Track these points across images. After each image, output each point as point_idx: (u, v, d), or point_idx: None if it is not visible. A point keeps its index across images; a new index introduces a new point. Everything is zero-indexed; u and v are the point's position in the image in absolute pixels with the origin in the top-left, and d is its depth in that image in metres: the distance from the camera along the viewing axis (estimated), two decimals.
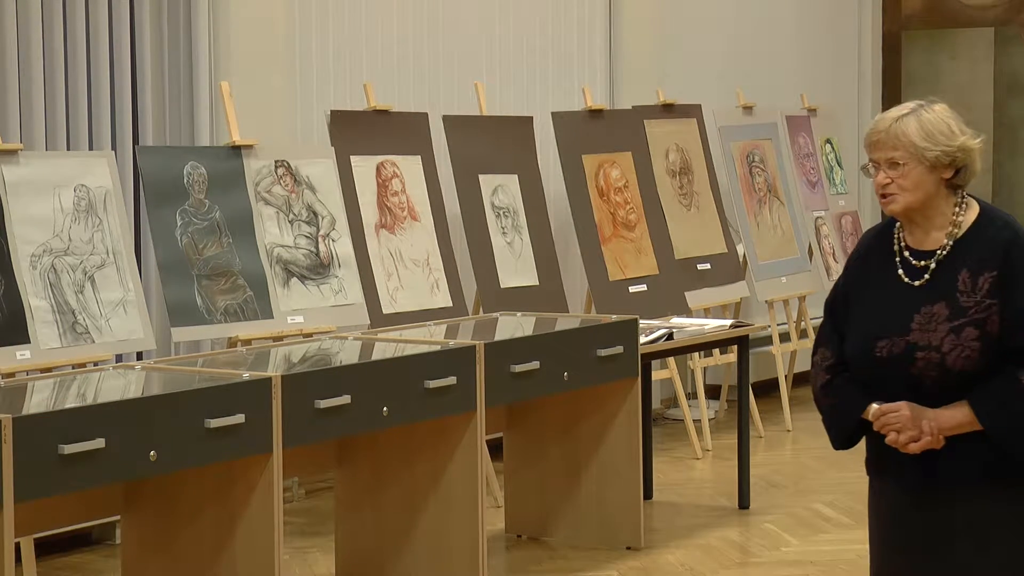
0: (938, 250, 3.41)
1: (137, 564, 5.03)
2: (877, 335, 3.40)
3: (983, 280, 3.35)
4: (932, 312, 3.36)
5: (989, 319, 3.33)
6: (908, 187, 3.40)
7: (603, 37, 9.12)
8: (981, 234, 3.40)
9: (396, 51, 7.86)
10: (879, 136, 3.42)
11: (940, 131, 3.40)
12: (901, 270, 3.44)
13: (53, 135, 6.32)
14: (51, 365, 5.50)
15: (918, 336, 3.35)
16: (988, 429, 3.33)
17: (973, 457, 3.37)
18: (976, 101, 11.03)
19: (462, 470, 5.52)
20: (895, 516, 3.50)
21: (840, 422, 3.53)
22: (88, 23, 6.47)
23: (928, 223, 3.44)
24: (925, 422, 3.36)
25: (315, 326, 6.38)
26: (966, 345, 3.32)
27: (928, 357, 3.34)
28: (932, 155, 3.39)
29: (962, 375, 3.33)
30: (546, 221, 7.78)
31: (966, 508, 3.38)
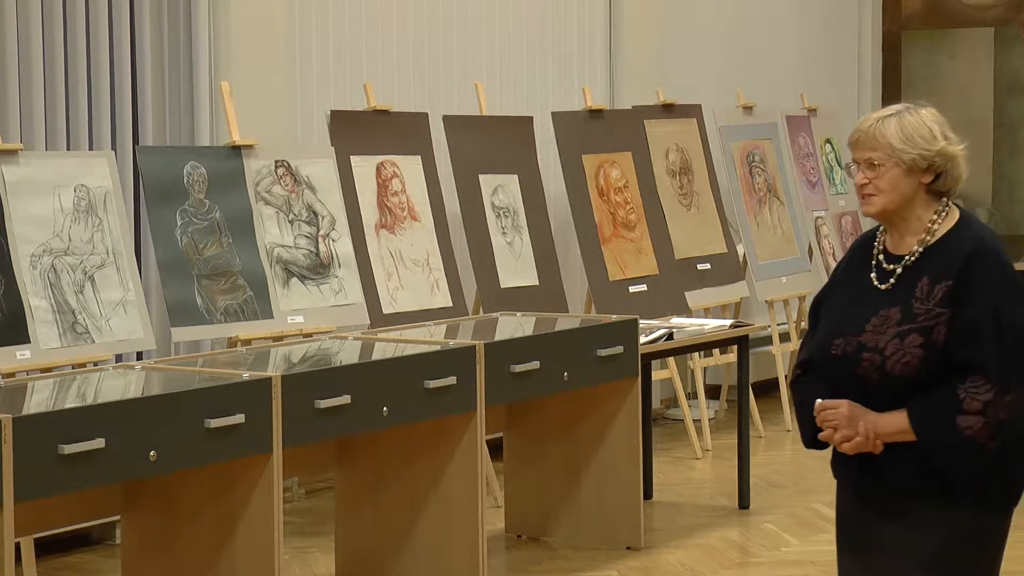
0: (907, 255, 3.39)
1: (137, 564, 5.03)
2: (835, 333, 3.40)
3: (938, 289, 3.31)
4: (887, 315, 3.34)
5: (936, 328, 3.28)
6: (885, 188, 3.38)
7: (603, 37, 9.12)
8: (951, 243, 3.36)
9: (396, 51, 7.86)
10: (859, 136, 3.42)
11: (920, 134, 3.40)
12: (874, 273, 3.43)
13: (53, 135, 6.32)
14: (51, 365, 5.50)
15: (868, 337, 3.34)
16: (921, 439, 3.29)
17: (910, 465, 3.32)
18: (976, 101, 11.03)
19: (462, 470, 5.52)
20: (845, 517, 3.51)
21: (802, 418, 3.52)
22: (88, 23, 6.47)
23: (905, 227, 3.42)
24: (862, 424, 3.32)
25: (315, 326, 6.38)
26: (907, 351, 3.29)
27: (871, 359, 3.32)
28: (909, 158, 3.37)
29: (902, 380, 3.30)
30: (546, 221, 7.78)
31: (903, 513, 3.35)
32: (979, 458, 3.27)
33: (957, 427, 3.25)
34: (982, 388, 3.25)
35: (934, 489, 3.31)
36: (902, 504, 3.35)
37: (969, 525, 3.33)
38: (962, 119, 11.04)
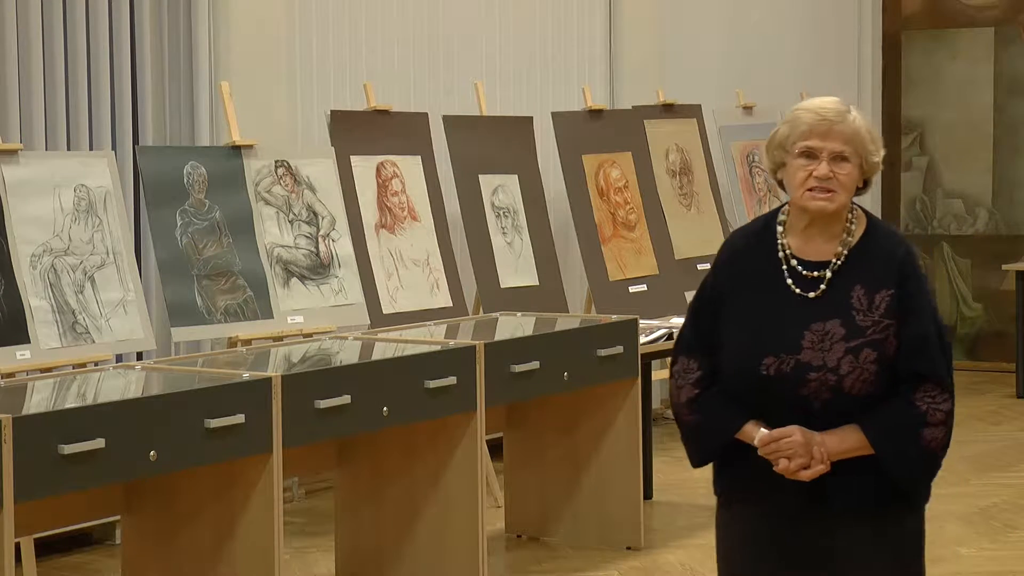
0: (833, 260, 3.21)
1: (137, 564, 5.02)
2: (763, 351, 3.17)
3: (880, 298, 3.16)
4: (825, 330, 3.15)
5: (887, 340, 3.16)
6: (847, 186, 3.20)
7: (603, 37, 9.12)
8: (874, 248, 3.22)
9: (396, 51, 7.86)
10: (832, 125, 3.18)
11: (877, 138, 3.25)
12: (790, 280, 3.22)
13: (53, 135, 6.32)
14: (51, 365, 5.50)
15: (811, 355, 3.14)
16: (881, 455, 3.17)
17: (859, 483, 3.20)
18: (976, 101, 11.02)
19: (462, 470, 5.52)
20: (764, 540, 3.27)
21: (707, 442, 3.30)
22: (88, 23, 6.47)
23: (828, 229, 3.23)
24: (815, 448, 3.16)
25: (315, 326, 6.38)
26: (864, 368, 3.14)
27: (823, 379, 3.14)
28: (873, 161, 3.22)
29: (857, 398, 3.15)
30: (546, 221, 7.78)
31: (848, 533, 3.22)
32: (935, 466, 3.25)
33: (923, 440, 3.18)
34: (939, 398, 3.18)
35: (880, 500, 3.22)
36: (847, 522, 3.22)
37: (910, 529, 3.29)
38: (962, 119, 11.08)
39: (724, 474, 3.34)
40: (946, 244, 11.19)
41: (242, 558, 4.78)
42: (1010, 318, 10.29)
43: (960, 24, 11.09)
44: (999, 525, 6.58)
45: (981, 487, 7.31)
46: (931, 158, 11.22)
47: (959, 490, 7.26)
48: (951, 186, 11.16)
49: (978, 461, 7.90)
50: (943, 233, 11.19)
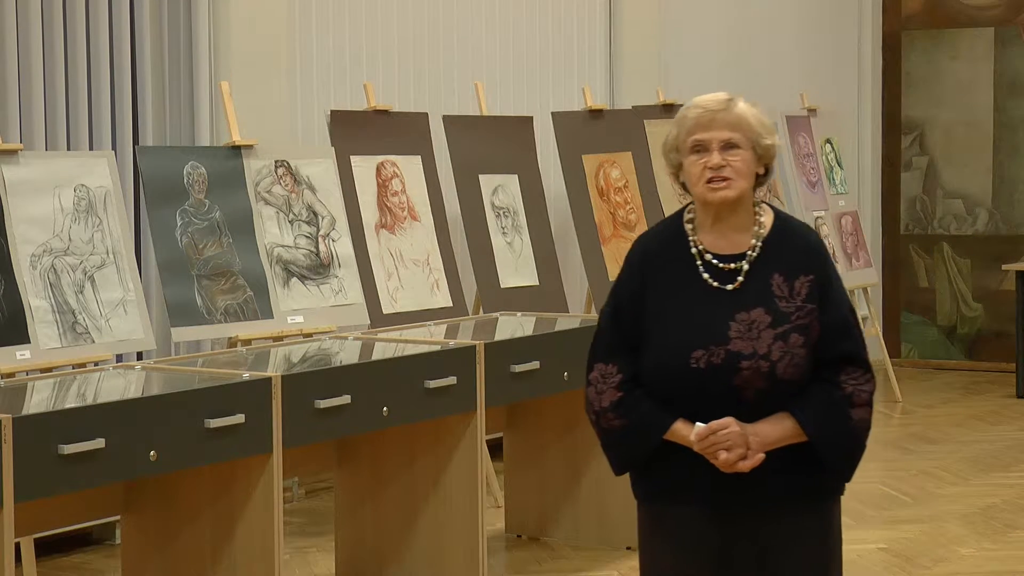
0: (748, 251, 3.24)
1: (137, 564, 5.02)
2: (691, 346, 3.18)
3: (799, 285, 3.20)
4: (750, 319, 3.18)
5: (811, 325, 3.19)
6: (744, 172, 3.21)
7: (603, 37, 9.12)
8: (787, 237, 3.25)
9: (396, 51, 7.86)
10: (713, 116, 3.20)
11: (767, 123, 3.26)
12: (706, 274, 3.24)
13: (53, 135, 6.32)
14: (51, 365, 5.50)
15: (740, 345, 3.16)
16: (814, 439, 3.18)
17: (779, 473, 3.21)
18: (976, 101, 11.02)
19: (462, 470, 5.52)
20: (694, 539, 3.25)
21: (635, 443, 3.27)
22: (88, 23, 6.47)
23: (735, 221, 3.25)
24: (752, 438, 3.17)
25: (315, 326, 6.38)
26: (794, 352, 3.17)
27: (756, 366, 3.15)
28: (765, 143, 3.23)
29: (790, 383, 3.18)
30: (546, 221, 7.78)
31: (775, 526, 3.24)
32: (863, 447, 3.26)
33: (851, 421, 3.20)
34: (862, 379, 3.22)
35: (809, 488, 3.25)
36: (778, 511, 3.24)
37: (835, 518, 3.34)
38: (962, 119, 11.08)
39: (646, 476, 3.31)
40: (946, 244, 11.19)
41: (242, 558, 4.78)
42: (1010, 318, 10.29)
43: (960, 24, 11.09)
44: (999, 525, 6.58)
45: (981, 487, 7.31)
46: (931, 158, 11.22)
47: (959, 490, 7.26)
48: (951, 186, 11.16)
49: (978, 461, 7.90)
50: (943, 233, 11.19)
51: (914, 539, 6.33)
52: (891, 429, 9.01)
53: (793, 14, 10.63)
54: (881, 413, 9.47)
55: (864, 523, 6.57)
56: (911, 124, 11.28)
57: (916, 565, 5.95)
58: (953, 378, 10.76)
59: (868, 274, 9.96)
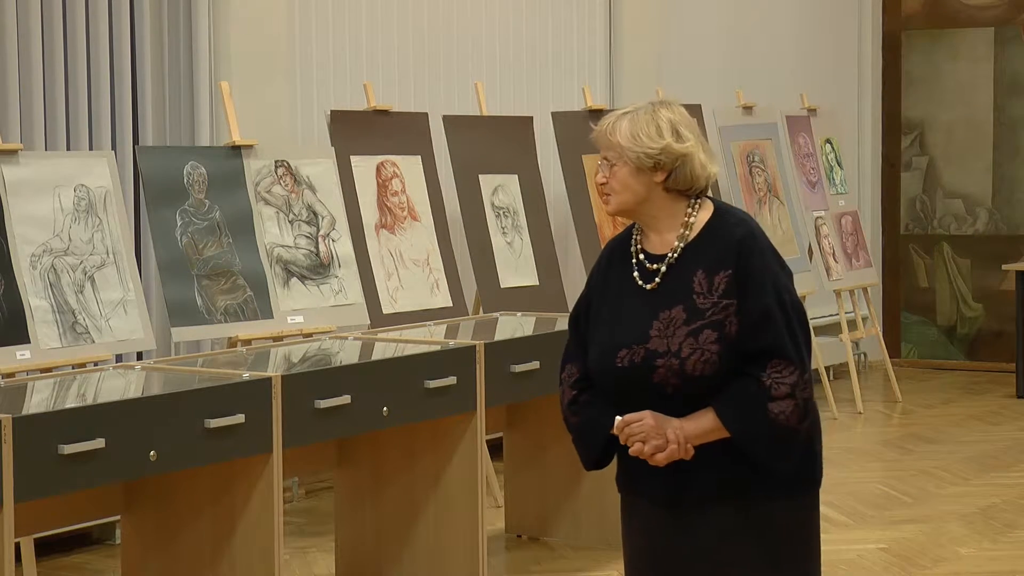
0: (669, 253, 3.31)
1: (137, 564, 5.03)
2: (618, 345, 3.28)
3: (719, 279, 3.24)
4: (670, 317, 3.25)
5: (727, 320, 3.22)
6: (617, 188, 3.33)
7: (603, 37, 9.12)
8: (715, 234, 3.30)
9: (396, 51, 7.86)
10: (596, 135, 3.37)
11: (646, 133, 3.31)
12: (636, 273, 3.34)
13: (53, 135, 6.32)
14: (51, 365, 5.50)
15: (657, 343, 3.23)
16: (734, 434, 3.21)
17: (715, 470, 3.25)
18: (976, 101, 11.03)
19: (462, 470, 5.52)
20: (647, 531, 3.37)
21: (588, 440, 3.40)
22: (88, 23, 6.47)
23: (656, 225, 3.34)
24: (670, 430, 3.23)
25: (315, 326, 6.38)
26: (705, 348, 3.21)
27: (668, 364, 3.22)
28: (633, 155, 3.29)
29: (702, 380, 3.21)
30: (546, 221, 7.78)
31: (710, 521, 3.27)
32: (792, 440, 3.23)
33: (770, 414, 3.19)
34: (785, 371, 3.20)
35: (745, 486, 3.26)
36: (714, 508, 3.27)
37: (788, 513, 3.30)
38: (962, 119, 11.09)
39: (619, 467, 3.44)
40: (946, 244, 11.19)
41: (242, 558, 4.78)
42: (1010, 318, 10.29)
43: (960, 24, 11.09)
44: (999, 525, 6.58)
45: (981, 487, 7.31)
46: (931, 158, 11.22)
47: (959, 490, 7.26)
48: (951, 186, 11.17)
49: (978, 461, 7.90)
50: (943, 233, 11.20)
51: (914, 539, 6.33)
52: (891, 429, 9.02)
53: (793, 14, 10.63)
54: (881, 413, 9.47)
55: (864, 523, 6.57)
56: (911, 124, 11.28)
57: (916, 565, 5.95)
58: (953, 378, 10.76)
59: (868, 274, 9.96)
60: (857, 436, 8.79)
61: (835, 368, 10.47)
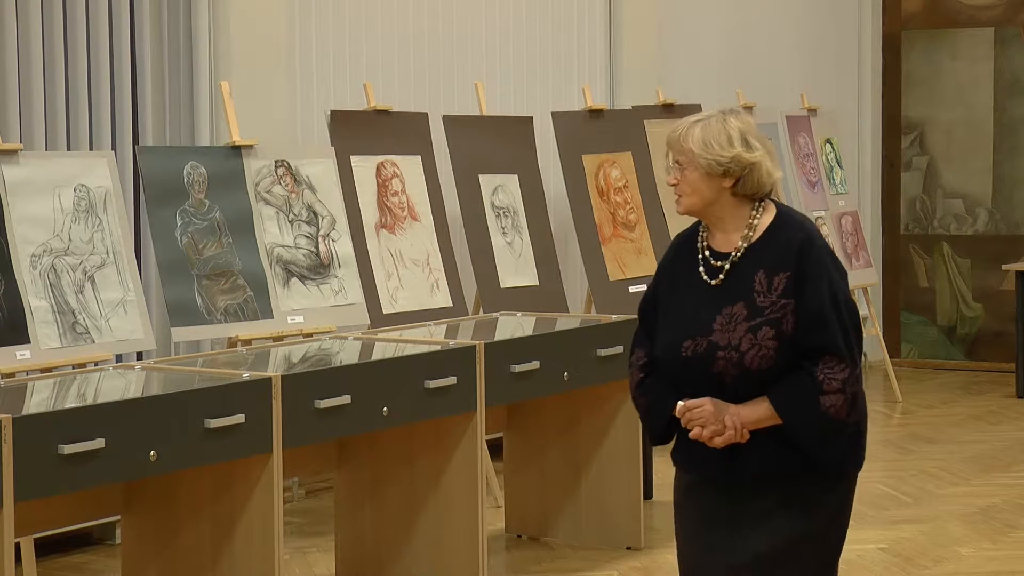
0: (733, 252, 3.55)
1: (137, 564, 5.03)
2: (684, 336, 3.53)
3: (778, 280, 3.49)
4: (732, 313, 3.50)
5: (784, 318, 3.46)
6: (687, 191, 3.57)
7: (603, 37, 9.12)
8: (776, 237, 3.54)
9: (396, 51, 7.86)
10: (670, 139, 3.61)
11: (717, 141, 3.55)
12: (702, 268, 3.58)
13: (53, 135, 6.32)
14: (51, 365, 5.50)
15: (719, 336, 3.49)
16: (785, 423, 3.47)
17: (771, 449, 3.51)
18: (976, 101, 11.03)
19: (462, 470, 5.52)
20: (704, 505, 3.61)
21: (653, 419, 3.65)
22: (88, 23, 6.47)
23: (722, 225, 3.59)
24: (727, 417, 3.49)
25: (315, 326, 6.38)
26: (763, 344, 3.46)
27: (728, 356, 3.48)
28: (704, 162, 3.53)
29: (759, 373, 3.47)
30: (546, 221, 7.78)
31: (760, 499, 3.53)
32: (840, 432, 3.50)
33: (821, 407, 3.45)
34: (836, 368, 3.45)
35: (795, 468, 3.51)
36: (765, 487, 3.53)
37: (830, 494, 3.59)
38: (962, 119, 11.08)
39: (677, 444, 3.67)
40: (946, 244, 11.19)
41: (242, 558, 4.78)
42: (1010, 318, 10.29)
43: (960, 24, 11.09)
44: (999, 525, 6.58)
45: (981, 487, 7.31)
46: (931, 158, 11.22)
47: (959, 490, 7.26)
48: (951, 186, 11.17)
49: (978, 461, 7.90)
50: (943, 233, 11.20)
51: (914, 539, 6.33)
52: (891, 429, 9.01)
53: (793, 14, 10.63)
54: (881, 413, 9.47)
55: (864, 523, 6.57)
56: (911, 124, 11.28)
57: (916, 565, 5.95)
58: (953, 378, 10.76)
59: (868, 274, 9.96)
60: None
61: None
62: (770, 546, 3.52)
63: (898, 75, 11.29)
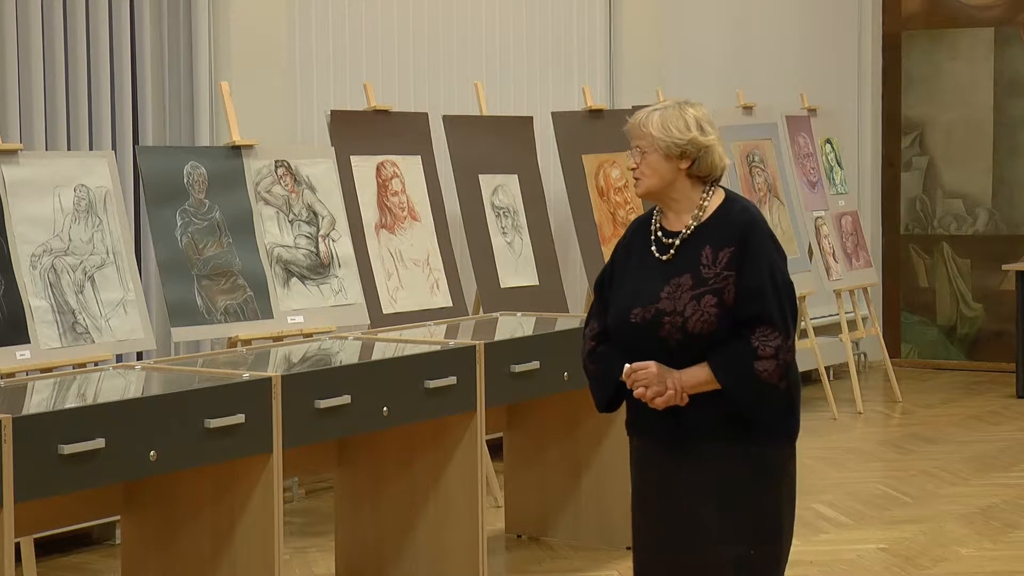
0: (683, 230, 3.86)
1: (137, 564, 5.03)
2: (632, 305, 3.84)
3: (723, 255, 3.79)
4: (679, 283, 3.80)
5: (726, 289, 3.77)
6: (647, 172, 3.88)
7: (603, 37, 9.12)
8: (724, 217, 3.86)
9: (396, 51, 7.87)
10: (631, 126, 3.91)
11: (675, 126, 3.86)
12: (654, 247, 3.89)
13: (53, 135, 6.32)
14: (51, 365, 5.50)
15: (666, 304, 3.79)
16: (723, 385, 3.76)
17: (711, 412, 3.78)
18: (976, 101, 11.03)
19: (462, 470, 5.52)
20: (650, 466, 3.91)
21: (601, 384, 3.95)
22: (88, 23, 6.47)
23: (676, 206, 3.90)
24: (670, 380, 3.78)
25: (315, 326, 6.38)
26: (705, 310, 3.76)
27: (672, 321, 3.77)
28: (663, 144, 3.85)
29: (701, 337, 3.76)
30: (546, 221, 7.78)
31: (702, 456, 3.80)
32: (772, 396, 3.77)
33: (755, 371, 3.74)
34: (771, 336, 3.75)
35: (732, 431, 3.78)
36: (705, 447, 3.81)
37: (766, 457, 3.83)
38: (962, 119, 11.08)
39: (627, 412, 3.97)
40: (946, 244, 11.19)
41: (242, 558, 4.78)
42: (1010, 318, 10.29)
43: (960, 24, 11.09)
44: (999, 525, 6.58)
45: (981, 487, 7.31)
46: (931, 158, 11.22)
47: (959, 490, 7.26)
48: (951, 186, 11.17)
49: (978, 461, 7.91)
50: (943, 233, 11.20)
51: (914, 539, 6.33)
52: (891, 429, 9.02)
53: (793, 14, 10.63)
54: (881, 413, 9.47)
55: (864, 523, 6.57)
56: (911, 124, 11.28)
57: (916, 565, 5.95)
58: (953, 378, 10.76)
59: (868, 274, 9.96)
60: (857, 436, 8.79)
61: (835, 368, 10.47)
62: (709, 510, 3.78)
63: (898, 75, 11.29)
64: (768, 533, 3.85)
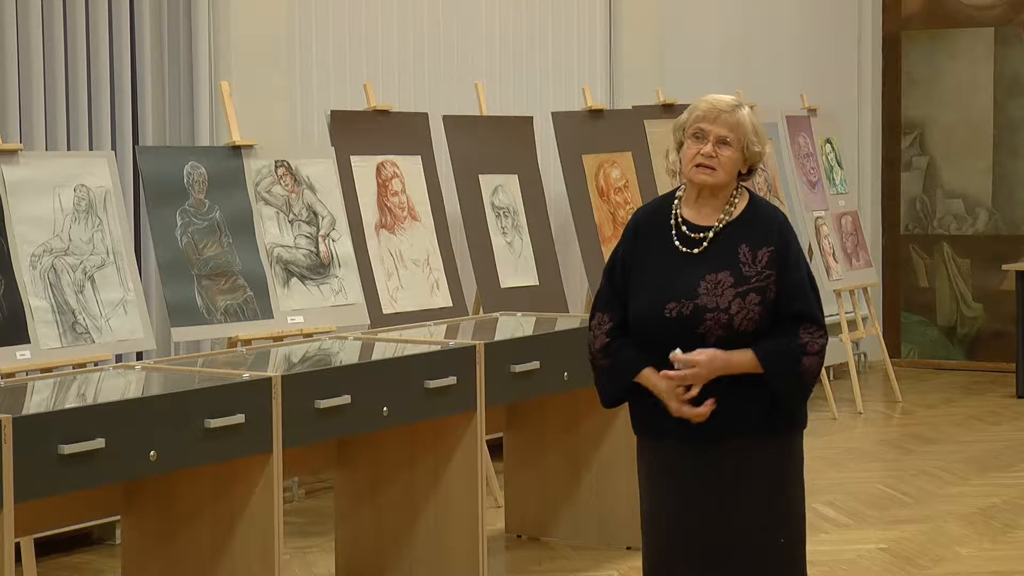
0: (715, 224, 3.90)
1: (137, 564, 5.03)
2: (666, 298, 3.84)
3: (762, 254, 3.85)
4: (717, 279, 3.83)
5: (769, 287, 3.84)
6: (727, 166, 3.90)
7: (603, 37, 9.12)
8: (756, 216, 3.92)
9: (396, 51, 7.86)
10: (720, 114, 3.90)
11: (760, 132, 3.96)
12: (677, 240, 3.90)
13: (53, 135, 6.32)
14: (51, 365, 5.50)
15: (706, 300, 3.82)
16: (767, 372, 3.82)
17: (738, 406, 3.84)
18: (976, 101, 11.03)
19: (462, 470, 5.52)
20: (672, 467, 3.91)
21: (615, 381, 3.95)
22: (88, 23, 6.47)
23: (714, 201, 3.92)
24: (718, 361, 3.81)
25: (315, 326, 6.38)
26: (750, 308, 3.82)
27: (716, 318, 3.81)
28: (753, 149, 3.92)
29: (744, 334, 3.83)
30: (546, 221, 7.78)
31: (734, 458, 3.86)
32: (808, 391, 3.91)
33: (801, 366, 3.84)
34: (816, 334, 3.87)
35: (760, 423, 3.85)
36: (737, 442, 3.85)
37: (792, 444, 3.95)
38: (962, 119, 11.08)
39: (636, 413, 3.97)
40: (946, 244, 11.19)
41: (242, 558, 4.78)
42: (1010, 318, 10.29)
43: (960, 24, 11.09)
44: (999, 525, 6.58)
45: (981, 487, 7.31)
46: (931, 158, 11.22)
47: (959, 490, 7.26)
48: (951, 186, 11.17)
49: (978, 461, 7.90)
50: (943, 233, 11.20)
51: (914, 539, 6.33)
52: (891, 429, 9.02)
53: (793, 14, 10.63)
54: (881, 413, 9.47)
55: (864, 523, 6.57)
56: (911, 124, 11.28)
57: (916, 565, 5.95)
58: (953, 378, 10.76)
59: (868, 274, 9.96)
60: (857, 436, 8.79)
61: (835, 368, 10.47)
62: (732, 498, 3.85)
63: (898, 75, 11.29)
64: (798, 517, 3.96)
